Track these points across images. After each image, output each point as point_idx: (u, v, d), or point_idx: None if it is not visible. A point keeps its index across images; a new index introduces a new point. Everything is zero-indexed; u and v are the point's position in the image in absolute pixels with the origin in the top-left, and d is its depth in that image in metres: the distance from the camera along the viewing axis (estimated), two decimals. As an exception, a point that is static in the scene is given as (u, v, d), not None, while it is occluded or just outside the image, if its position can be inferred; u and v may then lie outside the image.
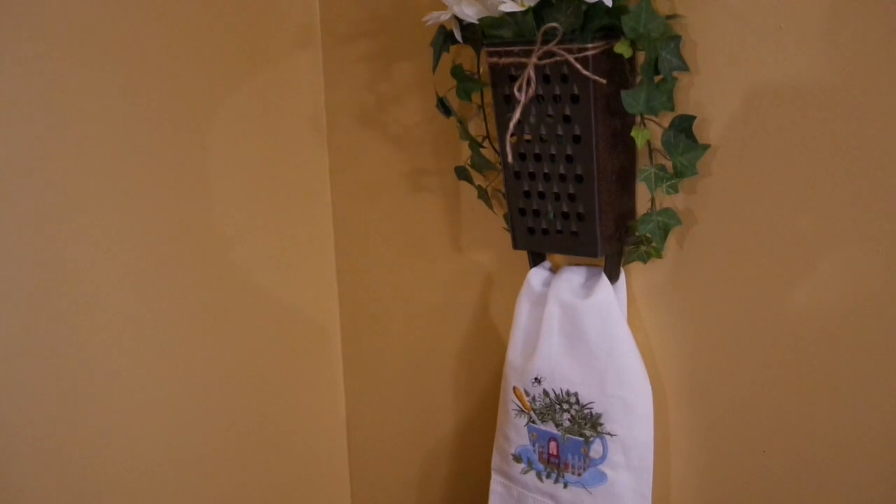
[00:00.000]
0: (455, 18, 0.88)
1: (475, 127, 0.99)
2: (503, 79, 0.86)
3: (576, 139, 0.84)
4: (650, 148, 0.85)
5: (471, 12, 0.84)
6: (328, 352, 1.24)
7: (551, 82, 0.83)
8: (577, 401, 0.90)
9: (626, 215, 0.89)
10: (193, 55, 1.04)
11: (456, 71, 0.95)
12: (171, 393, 1.06)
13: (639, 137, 0.82)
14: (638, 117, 0.83)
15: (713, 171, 0.84)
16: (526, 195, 0.90)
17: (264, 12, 1.10)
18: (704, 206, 0.85)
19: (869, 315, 0.78)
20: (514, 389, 0.95)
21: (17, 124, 0.91)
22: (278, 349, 1.17)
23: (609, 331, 0.88)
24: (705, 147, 0.82)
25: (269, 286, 1.15)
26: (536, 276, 0.94)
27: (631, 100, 0.80)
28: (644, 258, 0.89)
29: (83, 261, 0.97)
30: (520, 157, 0.88)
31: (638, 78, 0.83)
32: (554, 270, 0.95)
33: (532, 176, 0.88)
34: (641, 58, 0.82)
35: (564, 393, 0.91)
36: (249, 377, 1.14)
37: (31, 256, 0.93)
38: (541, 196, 0.89)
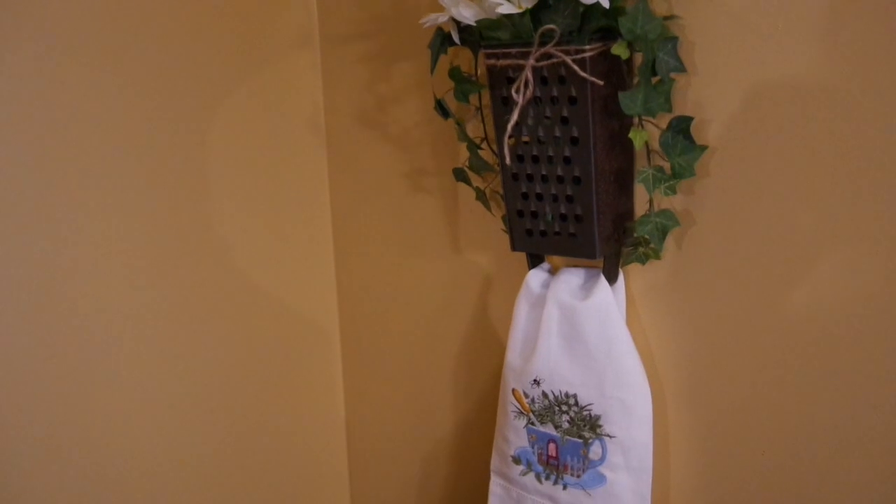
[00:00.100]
0: (452, 20, 0.88)
1: (473, 128, 0.99)
2: (501, 80, 0.86)
3: (573, 141, 0.83)
4: (648, 149, 0.85)
5: (468, 14, 0.84)
6: (327, 353, 1.24)
7: (549, 84, 0.83)
8: (576, 402, 0.90)
9: (625, 217, 0.89)
10: (192, 56, 1.04)
11: (454, 73, 0.94)
12: (171, 393, 1.06)
13: (637, 139, 0.82)
14: (636, 119, 0.83)
15: (711, 172, 0.84)
16: (524, 197, 0.90)
17: (262, 13, 1.10)
18: (703, 208, 0.85)
19: (869, 316, 0.78)
20: (513, 391, 0.95)
21: (17, 125, 0.91)
22: (277, 350, 1.17)
23: (608, 332, 0.88)
24: (703, 148, 0.82)
25: (268, 286, 1.15)
26: (535, 278, 0.94)
27: (628, 101, 0.80)
28: (642, 259, 0.89)
29: (82, 261, 0.97)
30: (518, 159, 0.88)
31: (635, 79, 0.83)
32: (552, 272, 0.95)
33: (530, 177, 0.88)
34: (639, 59, 0.82)
35: (563, 394, 0.91)
36: (249, 378, 1.14)
37: (31, 257, 0.93)
38: (539, 198, 0.88)
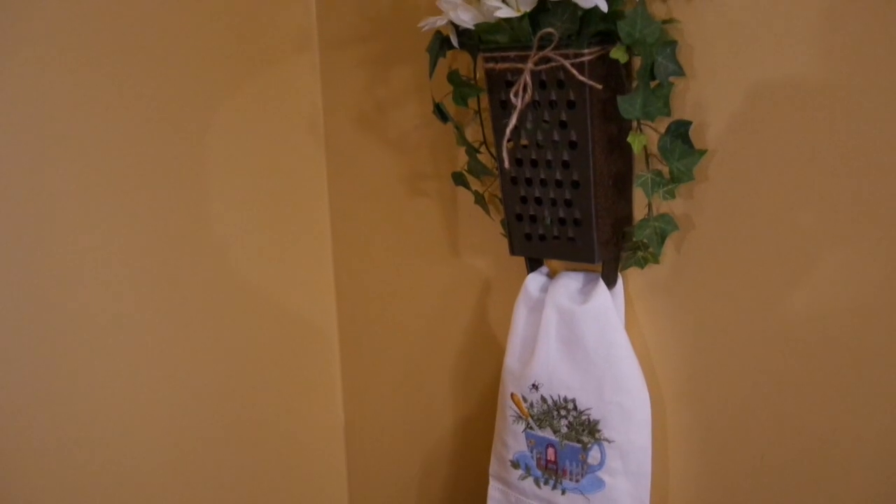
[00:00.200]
0: (451, 24, 0.87)
1: (472, 132, 0.99)
2: (499, 84, 0.86)
3: (572, 145, 0.83)
4: (647, 153, 0.85)
5: (467, 18, 0.84)
6: (326, 355, 1.24)
7: (547, 88, 0.83)
8: (575, 407, 0.90)
9: (623, 221, 0.88)
10: (191, 58, 1.04)
11: (452, 76, 0.94)
12: (169, 395, 1.06)
13: (635, 143, 0.81)
14: (634, 123, 0.83)
15: (710, 177, 0.84)
16: (523, 201, 0.90)
17: (261, 16, 1.10)
18: (702, 212, 0.85)
19: (868, 319, 0.77)
20: (512, 395, 0.95)
21: (16, 126, 0.91)
22: (276, 353, 1.17)
23: (606, 336, 0.88)
24: (702, 152, 0.82)
25: (268, 289, 1.15)
26: (534, 282, 0.94)
27: (627, 105, 0.80)
28: (641, 263, 0.88)
29: (81, 264, 0.97)
30: (516, 163, 0.88)
31: (634, 83, 0.82)
32: (551, 276, 0.95)
33: (529, 181, 0.88)
34: (637, 63, 0.82)
35: (562, 399, 0.91)
36: (247, 380, 1.14)
37: (30, 258, 0.93)
38: (537, 202, 0.88)
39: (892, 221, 0.75)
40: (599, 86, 0.79)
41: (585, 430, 0.90)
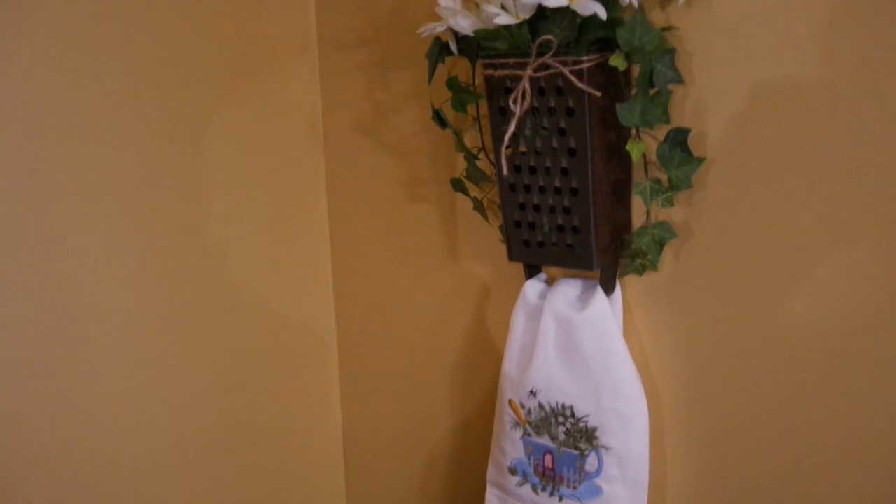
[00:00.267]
0: (450, 30, 0.88)
1: (471, 138, 0.99)
2: (498, 91, 0.86)
3: (571, 152, 0.83)
4: (646, 161, 0.85)
5: (466, 24, 0.84)
6: (324, 360, 1.24)
7: (546, 95, 0.83)
8: (573, 414, 0.90)
9: (622, 228, 0.88)
10: (191, 61, 1.04)
11: (451, 83, 0.94)
12: (167, 399, 1.06)
13: (634, 150, 0.81)
14: (633, 130, 0.83)
15: (709, 184, 0.84)
16: (521, 207, 0.89)
17: (261, 21, 1.10)
18: (700, 219, 0.85)
19: (868, 325, 0.77)
20: (510, 402, 0.95)
21: (15, 128, 0.91)
22: (274, 357, 1.17)
23: (604, 343, 0.88)
24: (701, 160, 0.82)
25: (266, 294, 1.15)
26: (532, 288, 0.94)
27: (626, 113, 0.80)
28: (640, 271, 0.88)
29: (81, 265, 0.97)
30: (515, 170, 0.88)
31: (633, 91, 0.82)
32: (549, 282, 0.95)
33: (527, 188, 0.88)
34: (636, 70, 0.82)
35: (560, 406, 0.91)
36: (246, 383, 1.14)
37: (30, 260, 0.93)
38: (536, 209, 0.88)
39: (892, 226, 0.75)
40: (598, 93, 0.79)
41: (583, 437, 0.90)
